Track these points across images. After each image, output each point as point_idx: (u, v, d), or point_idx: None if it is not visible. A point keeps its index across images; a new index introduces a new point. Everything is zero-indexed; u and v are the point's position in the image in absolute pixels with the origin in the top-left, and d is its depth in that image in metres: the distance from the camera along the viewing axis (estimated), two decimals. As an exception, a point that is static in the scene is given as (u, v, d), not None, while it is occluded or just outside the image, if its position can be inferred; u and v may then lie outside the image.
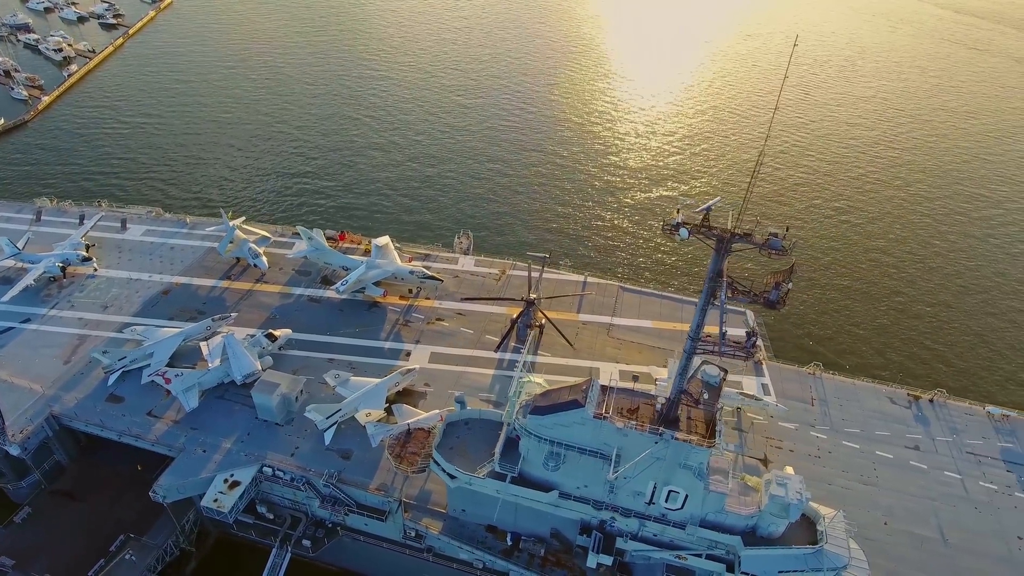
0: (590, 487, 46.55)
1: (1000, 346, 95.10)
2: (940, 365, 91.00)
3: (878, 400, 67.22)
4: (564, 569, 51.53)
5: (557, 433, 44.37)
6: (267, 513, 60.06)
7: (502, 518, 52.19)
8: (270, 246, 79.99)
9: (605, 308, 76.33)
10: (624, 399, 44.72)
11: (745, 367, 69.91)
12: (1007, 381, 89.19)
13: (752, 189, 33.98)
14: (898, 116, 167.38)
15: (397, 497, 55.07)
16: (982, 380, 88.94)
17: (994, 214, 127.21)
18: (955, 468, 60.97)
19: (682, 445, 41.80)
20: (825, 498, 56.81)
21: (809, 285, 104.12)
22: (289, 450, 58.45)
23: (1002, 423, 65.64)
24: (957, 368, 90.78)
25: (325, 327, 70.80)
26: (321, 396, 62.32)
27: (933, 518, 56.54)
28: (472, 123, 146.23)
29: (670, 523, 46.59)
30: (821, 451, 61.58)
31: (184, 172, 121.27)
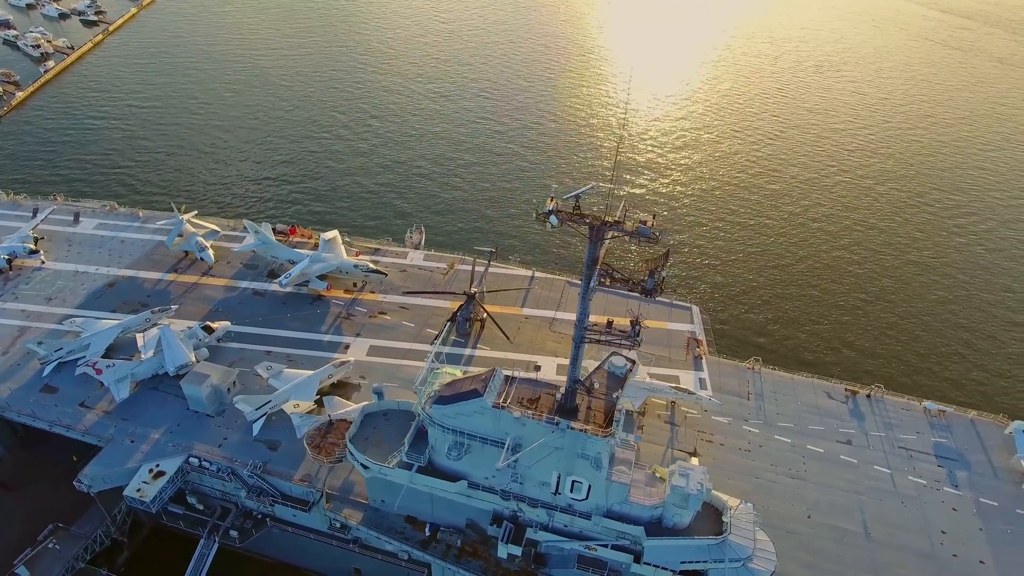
0: (497, 477, 46.66)
1: (955, 347, 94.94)
2: (897, 362, 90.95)
3: (815, 395, 67.22)
4: (480, 560, 51.64)
5: (459, 423, 44.51)
6: (197, 504, 60.31)
7: (419, 508, 52.43)
8: (219, 240, 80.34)
9: (550, 302, 76.44)
10: (526, 389, 44.84)
11: (684, 362, 70.28)
12: (963, 379, 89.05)
13: (616, 176, 34.00)
14: (858, 116, 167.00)
15: (320, 488, 55.36)
16: (934, 377, 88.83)
17: (959, 211, 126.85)
18: (885, 463, 60.95)
19: (578, 434, 41.90)
20: (751, 492, 57.14)
21: (766, 282, 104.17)
22: (217, 441, 58.75)
23: (938, 418, 65.59)
24: (912, 366, 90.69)
25: (266, 320, 71.03)
26: (255, 388, 62.55)
27: (858, 512, 56.53)
28: (444, 122, 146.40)
29: (576, 513, 46.68)
30: (752, 445, 61.60)
31: (150, 168, 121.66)
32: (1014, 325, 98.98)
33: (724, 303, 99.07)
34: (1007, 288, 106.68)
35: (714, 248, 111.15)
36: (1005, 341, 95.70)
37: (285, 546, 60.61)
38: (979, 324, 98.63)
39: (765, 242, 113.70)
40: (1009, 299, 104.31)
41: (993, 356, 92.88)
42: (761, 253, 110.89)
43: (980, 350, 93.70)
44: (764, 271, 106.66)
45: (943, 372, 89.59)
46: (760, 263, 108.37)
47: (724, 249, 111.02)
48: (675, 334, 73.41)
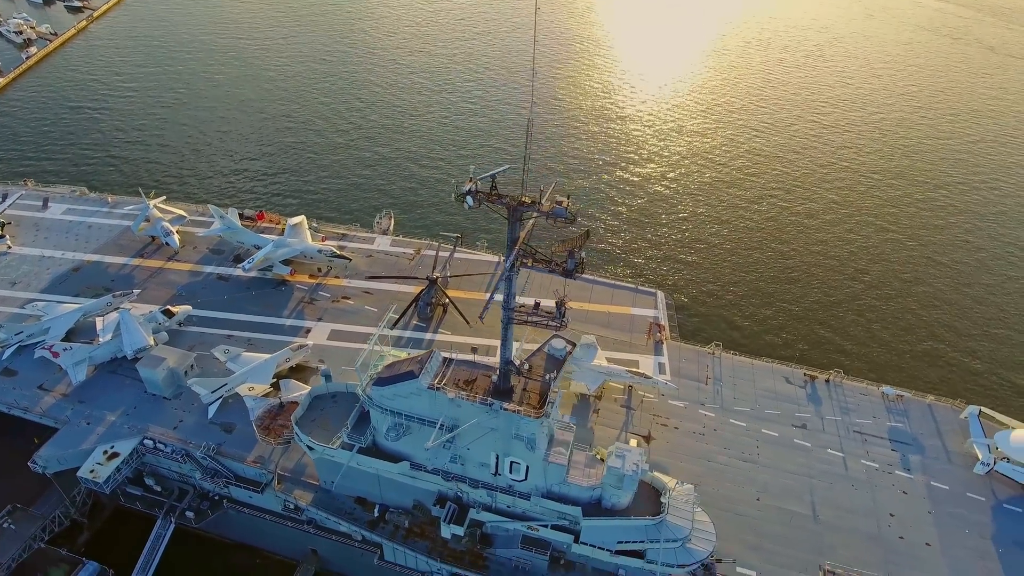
0: (438, 458, 46.98)
1: (922, 333, 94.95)
2: (864, 348, 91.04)
3: (774, 380, 67.34)
4: (427, 540, 52.15)
5: (397, 404, 44.77)
6: (155, 485, 60.93)
7: (368, 489, 52.90)
8: (186, 225, 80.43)
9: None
10: (463, 371, 45.02)
11: (645, 347, 70.41)
12: (930, 365, 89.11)
13: (528, 157, 33.94)
14: (851, 105, 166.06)
15: (272, 470, 55.81)
16: (899, 363, 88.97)
17: (940, 195, 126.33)
18: (839, 446, 61.15)
19: (512, 415, 42.12)
20: (702, 475, 57.55)
21: (739, 270, 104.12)
22: (173, 423, 59.20)
23: (896, 403, 65.69)
24: (879, 353, 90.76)
25: (228, 305, 71.28)
26: (215, 371, 62.85)
27: (807, 495, 56.81)
28: (423, 107, 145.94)
29: (516, 494, 47.02)
30: (706, 429, 61.83)
31: (128, 155, 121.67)
32: (984, 316, 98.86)
33: (697, 290, 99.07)
34: (985, 274, 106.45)
35: (690, 236, 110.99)
36: (970, 327, 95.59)
37: (242, 527, 61.22)
38: (948, 312, 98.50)
39: (741, 231, 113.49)
40: (983, 286, 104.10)
41: (958, 343, 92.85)
42: (736, 242, 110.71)
43: (943, 337, 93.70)
44: (738, 259, 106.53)
45: (910, 359, 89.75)
46: (735, 252, 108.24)
47: (699, 238, 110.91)
48: (638, 319, 73.49)
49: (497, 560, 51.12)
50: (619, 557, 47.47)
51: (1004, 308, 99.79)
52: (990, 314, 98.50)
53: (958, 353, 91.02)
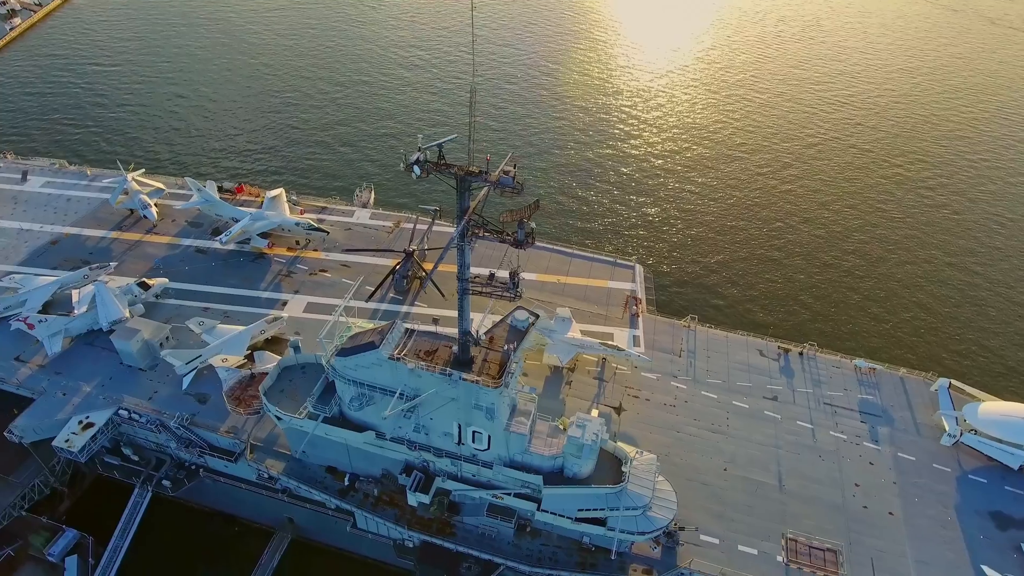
0: (402, 428, 47.54)
1: (904, 308, 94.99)
2: (844, 323, 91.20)
3: (747, 352, 67.65)
4: (396, 508, 53.01)
5: (360, 374, 45.16)
6: (132, 455, 61.78)
7: (338, 459, 53.65)
8: (164, 198, 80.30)
9: (492, 261, 75.71)
10: (425, 342, 45.31)
11: (621, 320, 70.63)
12: (907, 339, 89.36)
13: (473, 126, 33.68)
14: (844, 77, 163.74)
15: (245, 439, 56.52)
16: (879, 338, 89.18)
17: (934, 173, 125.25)
18: (808, 418, 61.66)
19: (471, 386, 42.50)
20: (671, 445, 58.24)
21: (725, 245, 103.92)
22: (148, 394, 59.84)
23: (868, 376, 66.04)
24: (859, 327, 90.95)
25: (206, 277, 71.48)
26: (190, 343, 63.27)
27: (774, 465, 57.47)
28: (417, 81, 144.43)
29: (480, 463, 47.67)
30: (677, 400, 62.33)
31: (110, 128, 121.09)
32: (964, 287, 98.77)
33: (681, 265, 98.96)
34: (970, 250, 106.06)
35: (676, 212, 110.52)
36: (949, 304, 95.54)
37: (220, 496, 62.23)
38: (931, 290, 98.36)
39: (727, 206, 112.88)
40: (972, 260, 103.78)
41: (938, 317, 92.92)
42: (722, 217, 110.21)
43: (926, 311, 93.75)
44: (724, 235, 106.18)
45: (890, 334, 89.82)
46: (721, 227, 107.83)
47: (685, 213, 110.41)
48: (615, 292, 73.58)
49: (464, 528, 52.00)
50: (582, 525, 48.33)
51: (986, 285, 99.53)
52: (972, 291, 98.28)
53: (937, 329, 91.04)
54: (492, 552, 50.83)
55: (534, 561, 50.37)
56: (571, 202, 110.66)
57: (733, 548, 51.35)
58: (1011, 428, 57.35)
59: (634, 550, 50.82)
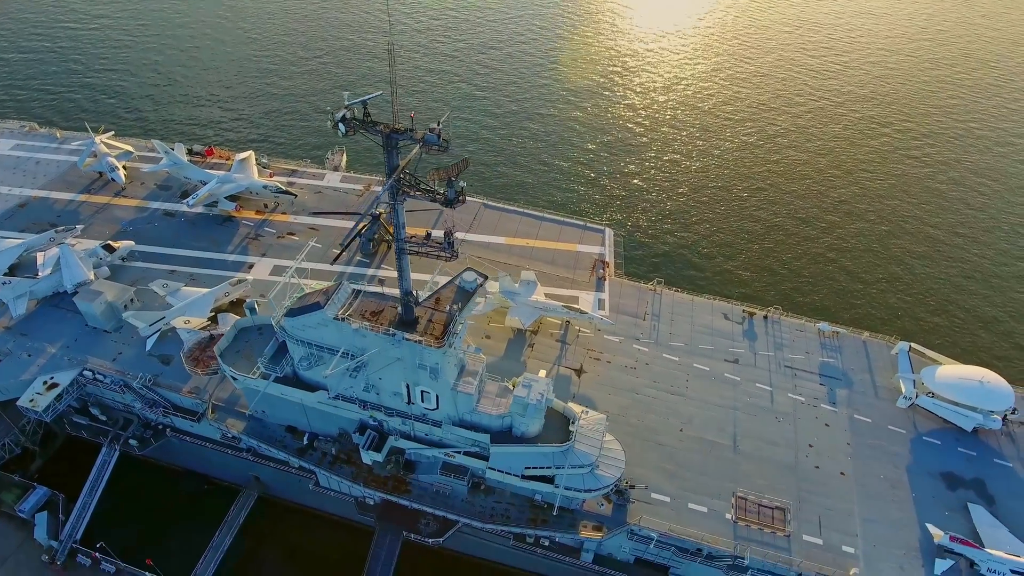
0: (353, 387, 48.08)
1: (880, 274, 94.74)
2: (817, 287, 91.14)
3: (712, 316, 67.81)
4: (352, 467, 53.97)
5: (307, 334, 45.50)
6: (100, 415, 62.73)
7: (296, 418, 54.45)
8: (134, 161, 79.81)
9: (462, 224, 76.12)
10: (371, 302, 45.48)
11: (587, 283, 70.67)
12: (882, 305, 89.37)
13: (395, 84, 33.16)
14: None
15: (206, 399, 57.29)
16: (852, 303, 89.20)
17: (924, 143, 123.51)
18: (768, 381, 62.11)
19: (414, 345, 42.81)
20: (629, 406, 58.91)
21: (704, 208, 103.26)
22: (112, 355, 60.41)
23: (831, 339, 66.28)
24: (833, 292, 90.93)
25: (173, 240, 71.50)
26: (155, 305, 63.63)
27: (730, 426, 58.14)
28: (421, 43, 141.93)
29: (429, 422, 48.33)
30: (639, 363, 62.75)
31: (85, 90, 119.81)
32: (943, 254, 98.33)
33: (658, 230, 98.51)
34: (954, 221, 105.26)
35: (655, 176, 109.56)
36: (926, 267, 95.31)
37: (188, 455, 63.35)
38: (907, 255, 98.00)
39: (708, 173, 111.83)
40: (959, 229, 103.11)
41: (911, 282, 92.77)
42: (702, 184, 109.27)
43: (901, 275, 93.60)
44: (703, 202, 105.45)
45: (860, 300, 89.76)
46: (700, 194, 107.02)
47: (665, 178, 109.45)
48: (584, 256, 73.48)
49: (419, 485, 53.01)
50: (533, 483, 49.22)
51: (963, 251, 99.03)
52: (949, 257, 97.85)
53: (910, 294, 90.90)
54: (446, 509, 51.94)
55: (487, 517, 51.46)
56: (545, 168, 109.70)
57: (683, 506, 52.31)
58: (965, 391, 57.78)
59: (585, 507, 51.86)
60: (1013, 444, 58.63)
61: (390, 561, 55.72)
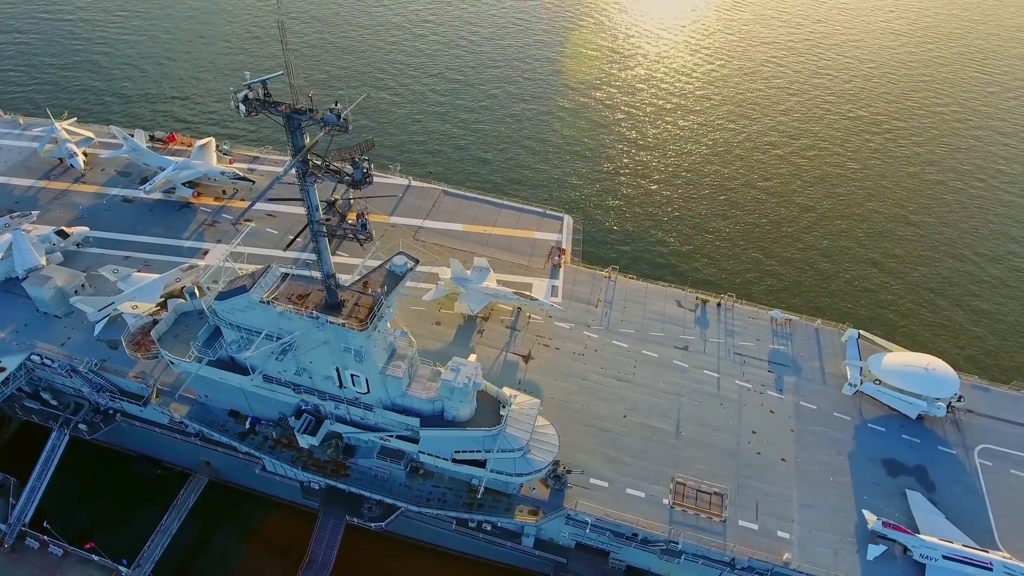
0: (286, 371, 48.25)
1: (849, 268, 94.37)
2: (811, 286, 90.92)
3: (665, 303, 67.72)
4: (292, 451, 54.23)
5: (237, 317, 45.59)
6: (51, 399, 63.10)
7: (239, 403, 54.66)
8: (95, 147, 79.80)
9: (420, 211, 76.20)
10: (299, 285, 45.53)
11: (542, 270, 70.59)
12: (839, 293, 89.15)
13: (290, 62, 33.01)
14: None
15: (151, 384, 57.56)
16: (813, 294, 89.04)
17: (902, 131, 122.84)
18: (716, 367, 62.09)
19: (338, 328, 42.89)
20: (575, 392, 59.01)
21: (674, 200, 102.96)
22: (61, 340, 60.66)
23: (783, 327, 66.19)
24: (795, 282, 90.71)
25: (129, 226, 71.60)
26: (107, 291, 63.80)
27: (674, 412, 58.17)
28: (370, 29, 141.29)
29: (361, 406, 48.49)
30: (587, 349, 62.77)
31: (51, 77, 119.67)
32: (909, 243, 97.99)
33: (622, 218, 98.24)
34: (924, 208, 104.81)
35: (628, 164, 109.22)
36: (886, 256, 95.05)
37: (140, 439, 63.76)
38: (873, 243, 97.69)
39: (679, 161, 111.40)
40: (928, 223, 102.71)
41: (877, 271, 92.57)
42: (673, 172, 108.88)
43: (869, 266, 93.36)
44: (673, 189, 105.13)
45: (828, 290, 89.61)
46: (671, 182, 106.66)
47: (636, 167, 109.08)
48: (541, 243, 73.37)
49: (358, 469, 53.29)
50: (469, 467, 49.34)
51: (926, 248, 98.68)
52: (914, 251, 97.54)
53: (868, 286, 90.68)
54: (383, 493, 52.20)
55: (423, 502, 51.72)
56: (509, 156, 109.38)
57: (621, 491, 52.45)
58: (911, 378, 57.74)
59: (523, 492, 52.06)
60: (958, 431, 58.63)
61: (333, 545, 56.18)
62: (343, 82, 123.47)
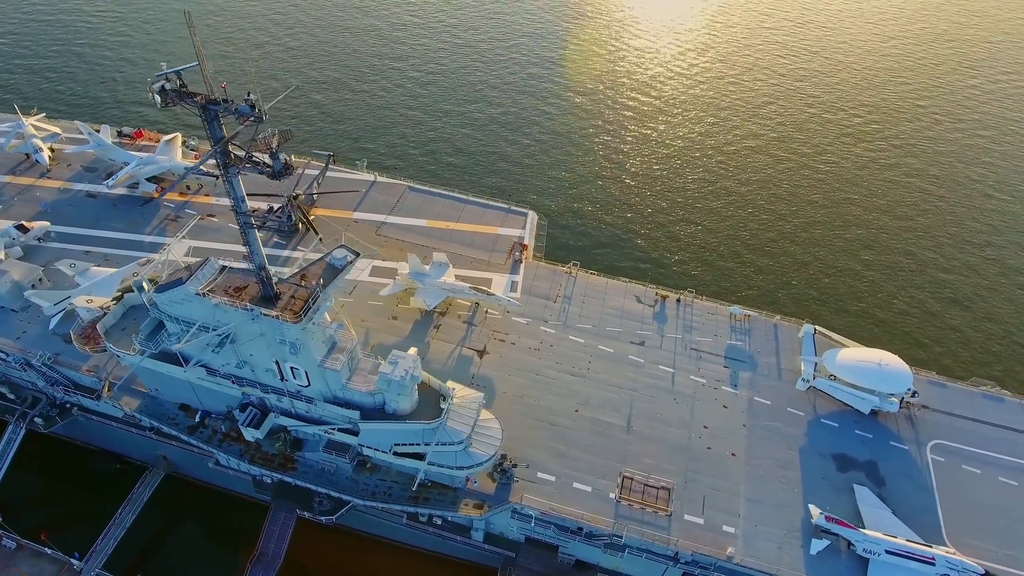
0: (228, 364, 48.32)
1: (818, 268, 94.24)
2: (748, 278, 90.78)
3: (624, 299, 67.65)
4: (240, 444, 54.31)
5: (175, 310, 45.67)
6: (9, 393, 63.30)
7: (188, 396, 54.76)
8: (61, 142, 79.99)
9: (385, 207, 76.23)
10: (237, 278, 45.55)
11: (503, 265, 70.54)
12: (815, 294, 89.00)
13: (201, 53, 32.93)
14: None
15: (104, 377, 57.69)
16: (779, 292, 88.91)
17: (884, 129, 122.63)
18: (672, 363, 61.99)
19: (272, 321, 42.94)
20: (528, 387, 59.00)
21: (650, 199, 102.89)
22: (16, 334, 60.78)
23: (742, 323, 66.09)
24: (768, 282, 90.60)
25: (92, 221, 71.76)
26: (65, 285, 63.92)
27: (626, 407, 58.10)
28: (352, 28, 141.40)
29: (303, 398, 48.53)
30: (543, 344, 62.73)
31: (26, 73, 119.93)
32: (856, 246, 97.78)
33: (590, 214, 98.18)
34: (887, 208, 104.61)
35: (596, 163, 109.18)
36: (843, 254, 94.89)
37: (98, 433, 63.93)
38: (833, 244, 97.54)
39: (650, 158, 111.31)
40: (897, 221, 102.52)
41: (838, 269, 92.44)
42: (646, 168, 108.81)
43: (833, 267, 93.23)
44: (641, 186, 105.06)
45: (786, 285, 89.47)
46: (639, 179, 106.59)
47: (605, 163, 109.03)
48: (504, 238, 73.32)
49: (306, 463, 53.35)
50: (414, 460, 49.33)
51: (894, 243, 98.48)
52: (876, 248, 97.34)
53: (828, 282, 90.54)
54: (329, 487, 52.24)
55: (368, 495, 51.75)
56: (478, 153, 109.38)
57: (568, 485, 52.40)
58: (864, 373, 57.59)
59: (469, 486, 52.06)
60: (912, 427, 58.49)
61: (283, 539, 56.23)
62: (327, 85, 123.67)
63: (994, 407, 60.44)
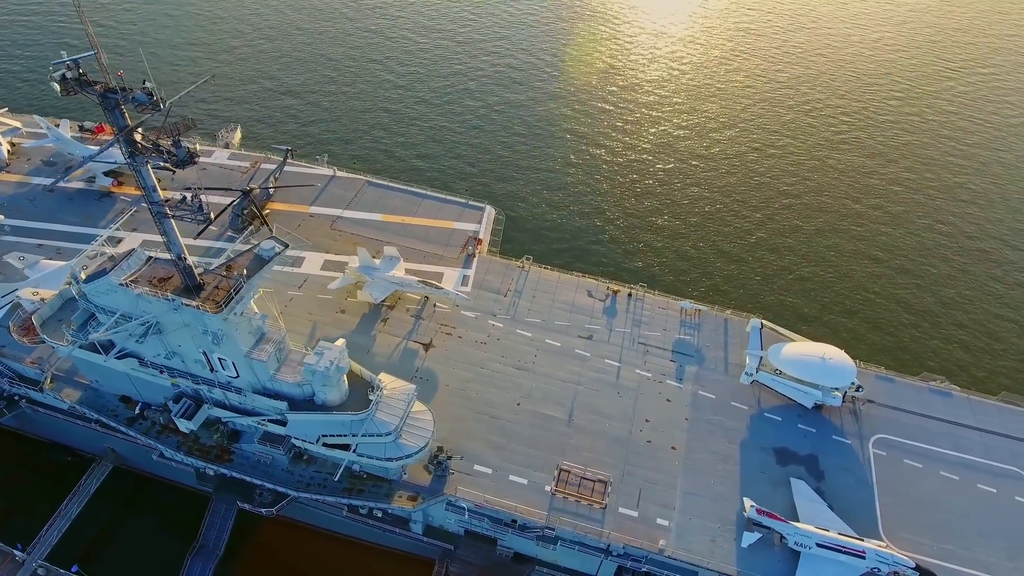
0: (159, 355, 48.39)
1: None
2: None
3: (575, 293, 67.58)
4: (178, 436, 54.36)
5: (102, 300, 45.72)
6: (-45, 387, 63.41)
7: (127, 388, 54.83)
8: (21, 136, 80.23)
9: (342, 201, 76.27)
10: (162, 268, 45.54)
11: (456, 260, 70.51)
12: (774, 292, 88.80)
13: (95, 40, 32.96)
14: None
15: (47, 369, 57.81)
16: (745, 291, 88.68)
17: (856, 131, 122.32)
18: (618, 357, 61.90)
19: (194, 311, 42.96)
20: (471, 380, 59.01)
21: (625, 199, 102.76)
22: (-39, 327, 60.98)
23: (692, 317, 65.97)
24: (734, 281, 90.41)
25: (46, 215, 71.94)
26: (15, 278, 64.10)
27: (569, 401, 58.03)
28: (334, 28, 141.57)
29: (232, 389, 48.57)
30: (490, 338, 62.70)
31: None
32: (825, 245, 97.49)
33: (549, 209, 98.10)
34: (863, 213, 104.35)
35: (557, 157, 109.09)
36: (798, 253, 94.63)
37: (45, 426, 63.98)
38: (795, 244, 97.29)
39: (616, 153, 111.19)
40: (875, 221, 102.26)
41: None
42: (609, 163, 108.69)
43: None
44: (603, 181, 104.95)
45: (742, 281, 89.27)
46: (602, 175, 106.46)
47: (566, 158, 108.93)
48: (459, 233, 73.29)
49: (243, 455, 53.39)
50: (343, 452, 49.31)
51: (855, 239, 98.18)
52: (840, 244, 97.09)
53: (785, 278, 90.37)
54: (264, 478, 52.26)
55: (303, 487, 51.77)
56: (438, 148, 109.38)
57: (504, 478, 52.36)
58: (808, 367, 57.42)
59: (404, 479, 52.05)
60: (855, 421, 58.34)
61: (223, 530, 56.37)
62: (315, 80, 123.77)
63: (942, 402, 60.27)
